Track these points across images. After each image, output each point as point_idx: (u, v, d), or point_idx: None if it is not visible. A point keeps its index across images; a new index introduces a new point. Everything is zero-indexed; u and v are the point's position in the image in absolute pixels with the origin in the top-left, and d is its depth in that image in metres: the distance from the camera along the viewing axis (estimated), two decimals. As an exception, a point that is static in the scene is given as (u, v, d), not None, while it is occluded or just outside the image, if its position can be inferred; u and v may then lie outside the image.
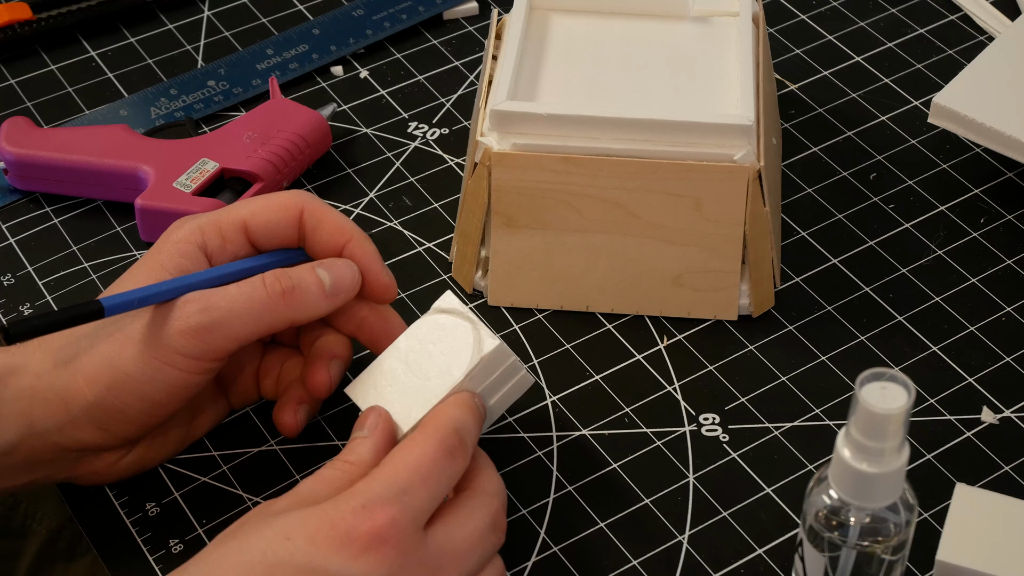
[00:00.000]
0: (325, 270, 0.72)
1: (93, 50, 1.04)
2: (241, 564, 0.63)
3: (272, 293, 0.70)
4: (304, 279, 0.72)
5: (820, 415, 0.80)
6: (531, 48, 0.87)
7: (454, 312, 0.73)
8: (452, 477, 0.67)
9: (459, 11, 1.06)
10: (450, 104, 0.99)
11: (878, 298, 0.86)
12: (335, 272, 0.73)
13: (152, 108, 0.98)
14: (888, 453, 0.58)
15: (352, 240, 0.74)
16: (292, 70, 1.01)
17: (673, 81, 0.86)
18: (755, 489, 0.76)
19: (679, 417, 0.80)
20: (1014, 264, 0.88)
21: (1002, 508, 0.72)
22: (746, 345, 0.84)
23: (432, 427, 0.68)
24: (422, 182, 0.94)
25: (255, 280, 0.71)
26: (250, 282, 0.71)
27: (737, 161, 0.80)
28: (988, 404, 0.80)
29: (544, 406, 0.81)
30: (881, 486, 0.59)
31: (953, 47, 1.03)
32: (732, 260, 0.83)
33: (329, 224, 0.74)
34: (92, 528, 0.76)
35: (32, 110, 0.99)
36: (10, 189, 0.93)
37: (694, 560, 0.73)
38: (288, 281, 0.71)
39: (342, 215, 0.75)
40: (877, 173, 0.94)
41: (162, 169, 0.89)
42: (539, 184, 0.81)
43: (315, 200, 0.74)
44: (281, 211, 0.74)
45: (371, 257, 0.74)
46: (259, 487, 0.77)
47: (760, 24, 0.89)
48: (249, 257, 0.74)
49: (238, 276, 0.72)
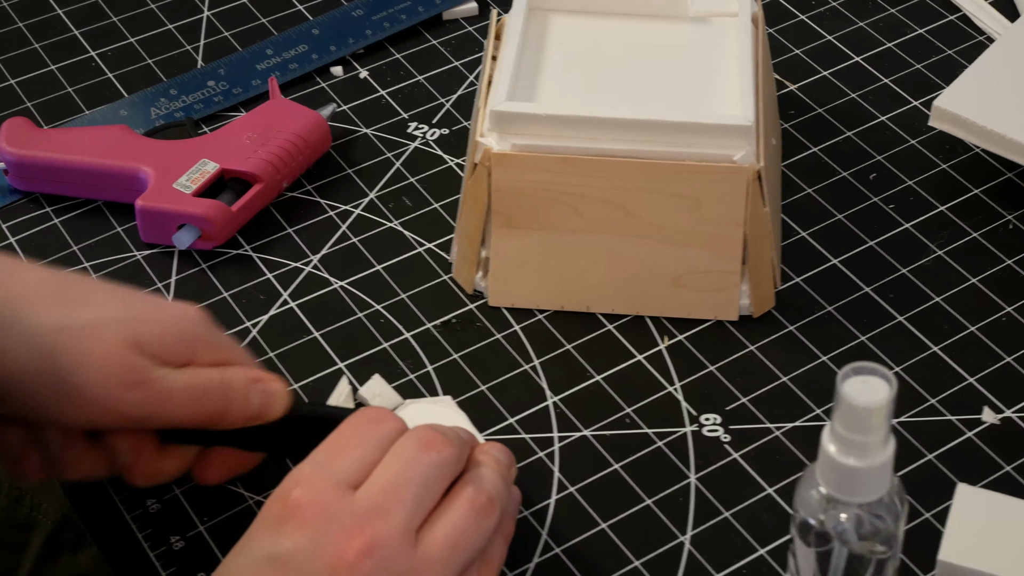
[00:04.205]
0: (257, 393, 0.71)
1: (93, 50, 1.04)
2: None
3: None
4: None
5: (821, 415, 0.80)
6: (531, 49, 0.87)
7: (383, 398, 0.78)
8: (378, 440, 0.66)
9: (458, 11, 1.06)
10: (450, 104, 0.99)
11: (878, 298, 0.86)
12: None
13: (152, 108, 0.98)
14: (873, 447, 0.58)
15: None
16: (292, 70, 1.01)
17: (672, 81, 0.86)
18: (756, 489, 0.76)
19: (680, 417, 0.80)
20: (1014, 264, 0.88)
21: (1003, 508, 0.72)
22: (747, 345, 0.84)
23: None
24: (422, 182, 0.94)
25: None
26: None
27: (737, 162, 0.80)
28: (989, 404, 0.80)
29: (545, 407, 0.81)
30: (868, 480, 0.59)
31: (952, 47, 1.03)
32: (732, 260, 0.83)
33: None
34: (93, 523, 0.76)
35: (32, 110, 0.99)
36: (10, 189, 0.93)
37: (696, 561, 0.73)
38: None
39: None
40: (877, 173, 0.94)
41: (162, 170, 0.89)
42: (539, 185, 0.81)
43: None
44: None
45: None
46: (260, 485, 0.77)
47: (759, 24, 0.89)
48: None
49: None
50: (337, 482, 0.63)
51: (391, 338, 0.84)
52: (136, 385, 0.67)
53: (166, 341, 0.69)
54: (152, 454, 0.72)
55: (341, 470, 0.64)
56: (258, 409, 0.71)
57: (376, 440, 0.66)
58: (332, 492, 0.63)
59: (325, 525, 0.62)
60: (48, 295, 0.69)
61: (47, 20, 1.06)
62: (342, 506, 0.63)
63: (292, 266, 0.89)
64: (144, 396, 0.68)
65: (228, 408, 0.70)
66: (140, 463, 0.72)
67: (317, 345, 0.84)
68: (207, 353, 0.70)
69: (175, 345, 0.69)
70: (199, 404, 0.69)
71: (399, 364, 0.83)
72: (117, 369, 0.67)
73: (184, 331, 0.70)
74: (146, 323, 0.69)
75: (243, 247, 0.90)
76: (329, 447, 0.66)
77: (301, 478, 0.64)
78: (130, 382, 0.67)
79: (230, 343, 0.72)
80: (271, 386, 0.71)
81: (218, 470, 0.74)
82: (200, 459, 0.73)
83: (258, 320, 0.85)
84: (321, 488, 0.63)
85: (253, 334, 0.84)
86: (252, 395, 0.71)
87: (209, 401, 0.69)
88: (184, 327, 0.70)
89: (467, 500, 0.65)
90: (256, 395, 0.71)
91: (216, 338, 0.72)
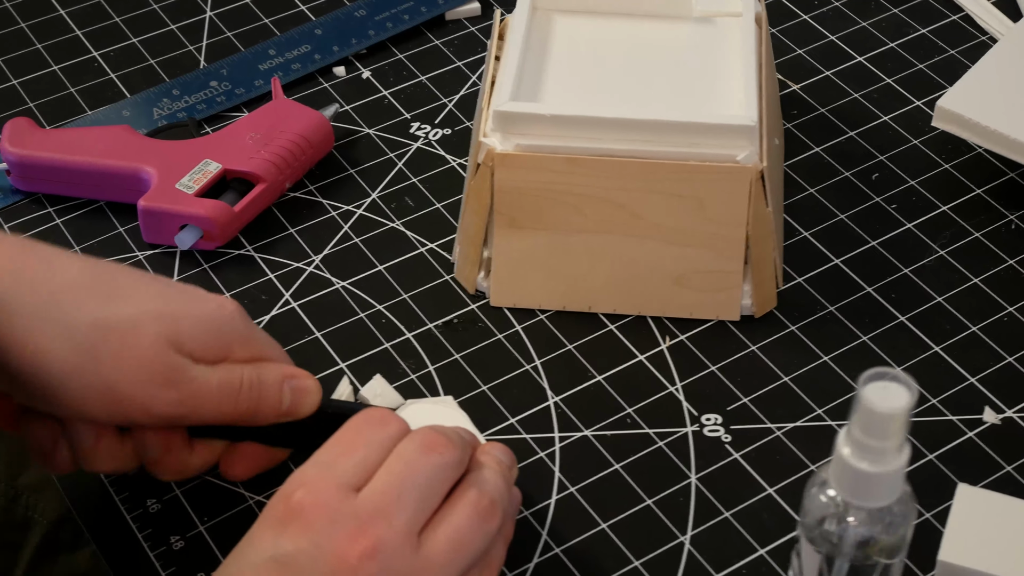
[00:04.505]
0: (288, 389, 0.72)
1: (95, 50, 1.04)
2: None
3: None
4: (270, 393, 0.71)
5: (822, 415, 0.80)
6: (534, 49, 0.87)
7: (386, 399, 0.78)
8: (381, 442, 0.66)
9: (461, 11, 1.06)
10: (452, 104, 0.99)
11: (880, 298, 0.86)
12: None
13: (154, 109, 0.98)
14: (889, 453, 0.58)
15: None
16: (294, 70, 1.01)
17: (676, 82, 0.86)
18: (757, 489, 0.76)
19: (681, 418, 0.80)
20: (1016, 264, 0.88)
21: (1004, 508, 0.72)
22: (748, 345, 0.84)
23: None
24: (424, 183, 0.94)
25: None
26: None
27: (740, 162, 0.80)
28: (990, 404, 0.80)
29: (546, 407, 0.81)
30: (881, 486, 0.59)
31: (955, 47, 1.03)
32: (734, 260, 0.83)
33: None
34: (92, 523, 0.76)
35: (34, 111, 0.99)
36: (12, 190, 0.93)
37: (696, 561, 0.73)
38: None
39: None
40: (879, 173, 0.94)
41: (165, 170, 0.89)
42: (542, 185, 0.81)
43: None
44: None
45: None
46: (260, 485, 0.77)
47: (763, 24, 0.89)
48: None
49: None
50: (340, 484, 0.63)
51: (393, 338, 0.84)
52: (173, 384, 0.67)
53: (204, 338, 0.69)
54: (180, 449, 0.72)
55: (344, 472, 0.64)
56: (290, 406, 0.71)
57: (379, 442, 0.66)
58: (335, 494, 0.63)
59: (328, 527, 0.62)
60: (88, 288, 0.68)
61: (49, 20, 1.06)
62: (345, 508, 0.62)
63: (294, 266, 0.89)
64: (180, 396, 0.68)
65: (261, 406, 0.70)
66: (168, 458, 0.72)
67: (319, 345, 0.84)
68: (242, 349, 0.70)
69: (212, 342, 0.69)
70: (233, 403, 0.69)
71: (401, 364, 0.83)
72: (155, 369, 0.67)
73: (221, 328, 0.70)
74: (185, 320, 0.69)
75: (245, 247, 0.90)
76: (332, 448, 0.66)
77: (304, 479, 0.64)
78: (167, 381, 0.67)
79: (264, 337, 0.73)
80: (303, 383, 0.72)
81: (245, 465, 0.74)
82: (227, 454, 0.74)
83: (260, 320, 0.85)
84: (324, 490, 0.63)
85: (255, 334, 0.85)
86: (285, 393, 0.71)
87: (243, 399, 0.69)
88: (222, 323, 0.70)
89: (470, 503, 0.65)
90: (288, 393, 0.71)
91: (251, 333, 0.72)
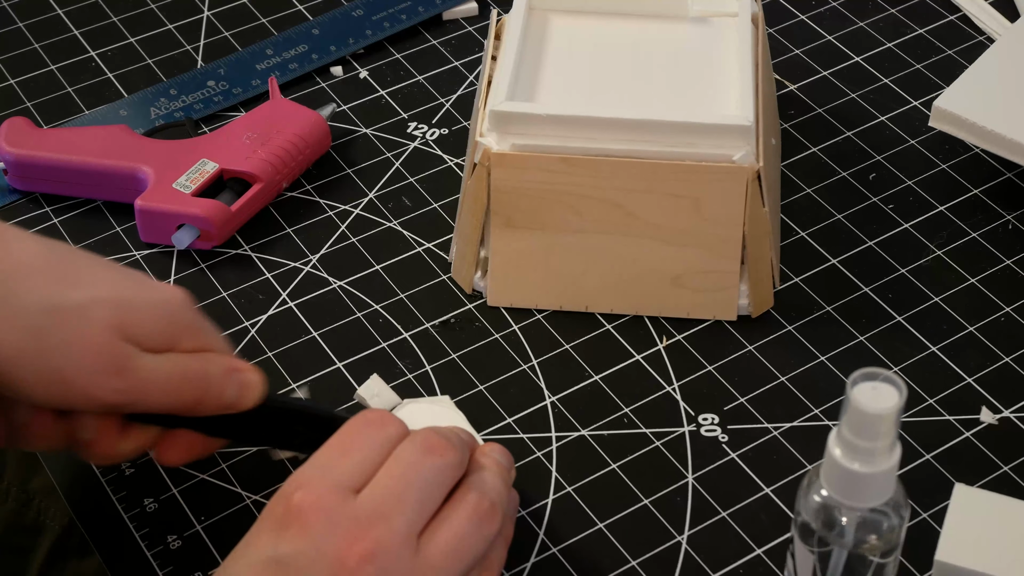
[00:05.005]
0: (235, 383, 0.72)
1: (93, 50, 1.04)
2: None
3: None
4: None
5: (819, 415, 0.80)
6: (530, 49, 0.87)
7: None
8: (381, 444, 0.66)
9: (458, 11, 1.06)
10: (449, 104, 0.99)
11: (877, 298, 0.86)
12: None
13: (152, 108, 0.98)
14: (879, 453, 0.58)
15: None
16: (292, 70, 1.01)
17: (672, 82, 0.86)
18: (754, 489, 0.76)
19: (678, 417, 0.80)
20: (1013, 264, 0.88)
21: (1001, 508, 0.71)
22: (745, 345, 0.84)
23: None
24: (421, 182, 0.94)
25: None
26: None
27: (736, 161, 0.80)
28: (987, 404, 0.80)
29: (543, 407, 0.81)
30: (872, 486, 0.59)
31: (952, 48, 1.03)
32: (731, 260, 0.83)
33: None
34: (89, 523, 0.76)
35: (32, 110, 0.99)
36: (10, 189, 0.93)
37: (693, 561, 0.73)
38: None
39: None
40: (876, 173, 0.94)
41: (162, 170, 0.89)
42: (538, 184, 0.81)
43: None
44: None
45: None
46: (258, 485, 0.77)
47: (759, 24, 0.89)
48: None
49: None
50: (339, 486, 0.63)
51: (390, 338, 0.84)
52: (119, 373, 0.67)
53: (152, 327, 0.69)
54: (114, 433, 0.71)
55: (343, 473, 0.64)
56: (233, 399, 0.71)
57: (378, 444, 0.65)
58: (334, 496, 0.63)
59: (327, 529, 0.62)
60: (41, 271, 0.68)
61: (47, 20, 1.06)
62: (344, 510, 0.62)
63: (291, 266, 0.89)
64: (125, 385, 0.67)
65: (205, 397, 0.70)
66: (101, 441, 0.71)
67: (316, 345, 0.84)
68: (189, 340, 0.70)
69: (159, 331, 0.69)
70: (177, 393, 0.69)
71: (398, 364, 0.83)
72: (103, 357, 0.67)
73: (169, 317, 0.70)
74: (134, 308, 0.68)
75: (242, 247, 0.90)
76: (331, 450, 0.65)
77: (303, 481, 0.64)
78: (114, 370, 0.67)
79: (211, 329, 0.72)
80: (247, 376, 0.71)
81: (180, 452, 0.73)
82: (163, 440, 0.73)
83: (257, 320, 0.85)
84: (323, 491, 0.63)
85: (252, 334, 0.85)
86: (229, 385, 0.71)
87: (187, 390, 0.69)
88: (170, 313, 0.70)
89: (470, 506, 0.65)
90: (232, 386, 0.71)
91: (198, 324, 0.71)
